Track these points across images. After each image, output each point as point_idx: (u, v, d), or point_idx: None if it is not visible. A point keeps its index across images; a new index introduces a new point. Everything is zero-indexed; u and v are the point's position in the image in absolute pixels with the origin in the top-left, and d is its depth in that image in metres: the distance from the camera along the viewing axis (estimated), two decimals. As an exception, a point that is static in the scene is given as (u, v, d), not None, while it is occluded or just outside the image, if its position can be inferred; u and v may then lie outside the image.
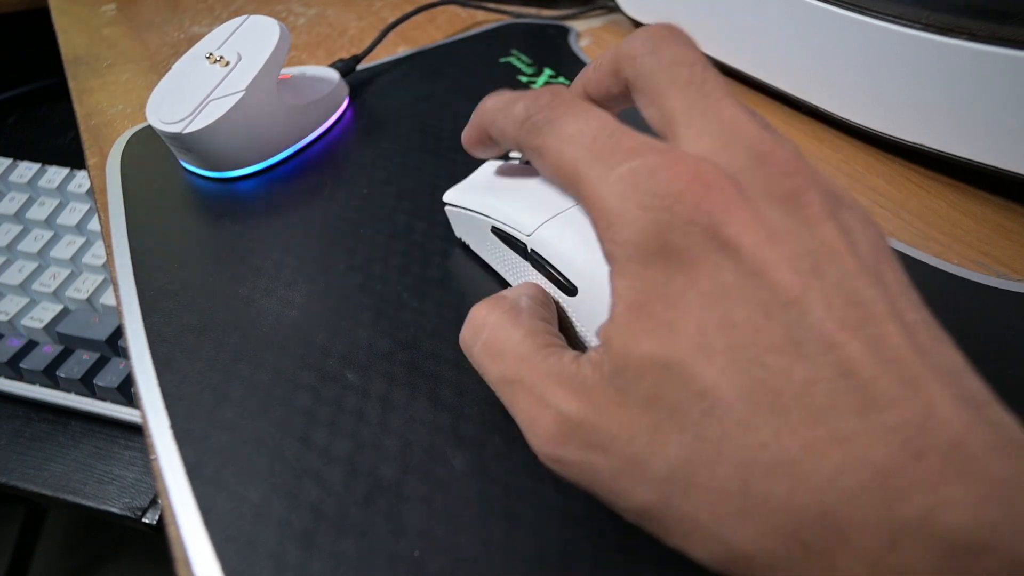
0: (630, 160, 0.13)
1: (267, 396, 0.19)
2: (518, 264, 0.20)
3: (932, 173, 0.28)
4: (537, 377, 0.14)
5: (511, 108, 0.16)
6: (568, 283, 0.18)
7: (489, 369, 0.16)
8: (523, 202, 0.19)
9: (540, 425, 0.14)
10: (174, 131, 0.26)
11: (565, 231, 0.18)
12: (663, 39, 0.15)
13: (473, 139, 0.19)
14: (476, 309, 0.17)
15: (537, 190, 0.20)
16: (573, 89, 0.18)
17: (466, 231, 0.23)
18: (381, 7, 0.43)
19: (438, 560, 0.15)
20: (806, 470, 0.11)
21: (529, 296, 0.17)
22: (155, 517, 0.38)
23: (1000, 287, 0.22)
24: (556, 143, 0.14)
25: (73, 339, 0.41)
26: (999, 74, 0.23)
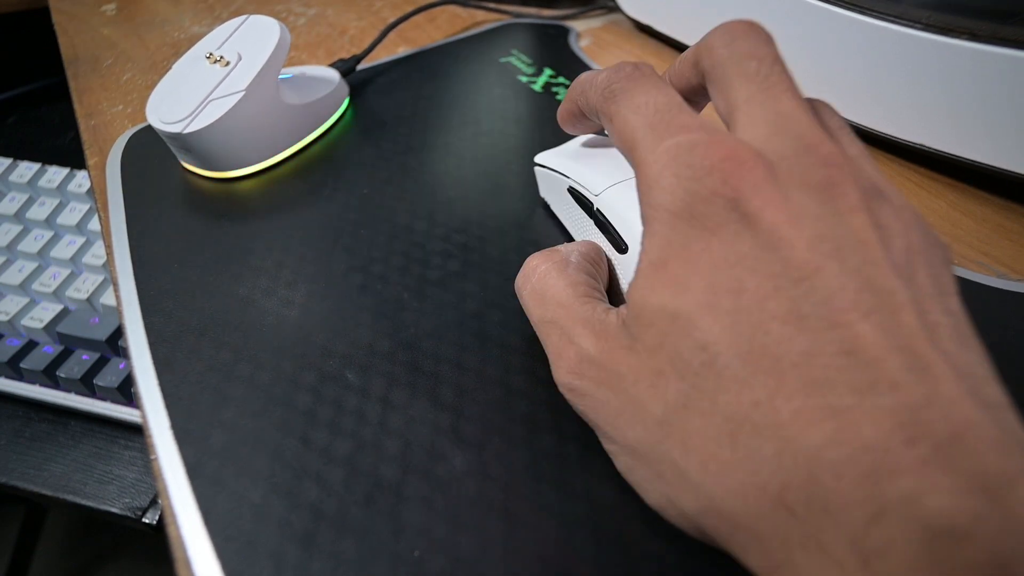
0: (678, 135, 0.14)
1: (267, 396, 0.19)
2: (585, 222, 0.22)
3: (932, 173, 0.28)
4: (570, 320, 0.16)
5: (596, 77, 0.17)
6: (621, 241, 0.20)
7: (534, 311, 0.18)
8: (597, 168, 0.22)
9: (563, 358, 0.16)
10: (174, 131, 0.26)
11: (628, 195, 0.20)
12: (739, 33, 0.16)
13: (567, 112, 0.20)
14: (531, 258, 0.19)
15: (611, 158, 0.22)
16: None
17: (548, 190, 0.25)
18: (381, 7, 0.43)
19: (438, 560, 0.15)
20: (795, 435, 0.11)
21: (580, 252, 0.19)
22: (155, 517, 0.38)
23: (1000, 287, 0.22)
24: (625, 111, 0.16)
25: (73, 339, 0.41)
26: (999, 74, 0.23)
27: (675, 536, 0.15)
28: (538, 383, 0.19)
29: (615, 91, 0.16)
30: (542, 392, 0.19)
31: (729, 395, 0.12)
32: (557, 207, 0.25)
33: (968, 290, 0.22)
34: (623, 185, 0.20)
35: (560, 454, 0.17)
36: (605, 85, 0.17)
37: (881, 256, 0.12)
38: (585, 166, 0.22)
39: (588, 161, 0.23)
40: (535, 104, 0.32)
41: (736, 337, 0.12)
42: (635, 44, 0.38)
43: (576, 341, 0.16)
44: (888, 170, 0.28)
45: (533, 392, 0.19)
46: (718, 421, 0.12)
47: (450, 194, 0.26)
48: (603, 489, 0.16)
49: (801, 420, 0.11)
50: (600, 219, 0.21)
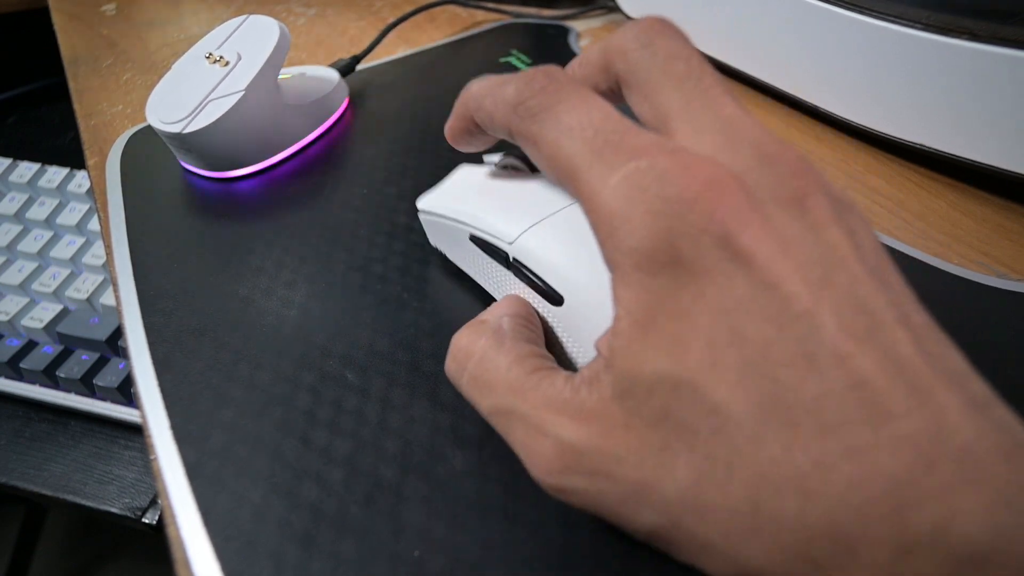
0: (636, 159, 0.12)
1: (267, 396, 0.19)
2: (499, 274, 0.19)
3: (932, 173, 0.28)
4: (531, 406, 0.14)
5: (501, 91, 0.15)
6: (553, 292, 0.17)
7: (480, 402, 0.15)
8: (503, 208, 0.19)
9: (540, 456, 0.13)
10: (174, 131, 0.26)
11: (549, 238, 0.17)
12: (656, 33, 0.15)
13: (458, 129, 0.18)
14: (457, 338, 0.16)
15: (516, 195, 0.19)
16: None
17: (442, 240, 0.22)
18: (381, 7, 0.43)
19: (438, 560, 0.15)
20: (816, 485, 0.11)
21: (510, 316, 0.16)
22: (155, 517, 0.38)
23: (1000, 287, 0.22)
24: (553, 134, 0.14)
25: (73, 339, 0.41)
26: (999, 74, 0.23)
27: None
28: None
29: (532, 109, 0.14)
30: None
31: (744, 458, 0.11)
32: (458, 258, 0.21)
33: (968, 290, 0.22)
34: (541, 226, 0.17)
35: (560, 454, 0.17)
36: (517, 101, 0.14)
37: (861, 270, 0.12)
38: (486, 207, 0.19)
39: (487, 200, 0.19)
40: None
41: (745, 393, 0.11)
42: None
43: (550, 432, 0.13)
44: (888, 170, 0.28)
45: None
46: (736, 489, 0.11)
47: (450, 194, 0.26)
48: (603, 489, 0.16)
49: (821, 468, 0.11)
50: (520, 270, 0.18)
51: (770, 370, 0.11)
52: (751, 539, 0.11)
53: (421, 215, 0.22)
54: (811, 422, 0.11)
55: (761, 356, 0.11)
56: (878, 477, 0.10)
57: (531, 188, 0.19)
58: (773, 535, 0.11)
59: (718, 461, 0.11)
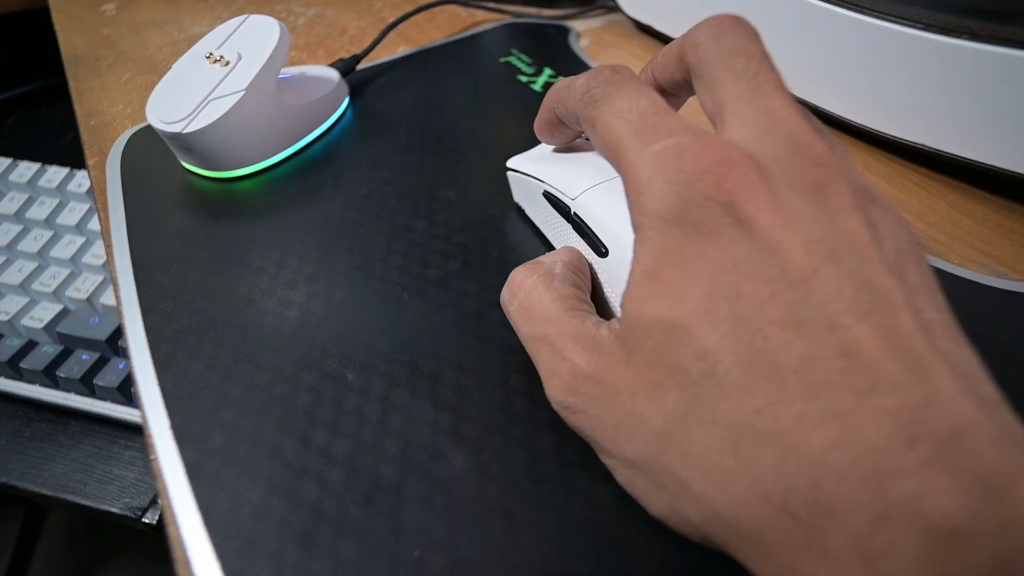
0: (666, 138, 0.14)
1: (267, 396, 0.19)
2: (562, 227, 0.22)
3: (932, 173, 0.28)
4: (560, 335, 0.16)
5: (574, 84, 0.17)
6: (601, 245, 0.19)
7: (522, 327, 0.17)
8: (572, 171, 0.21)
9: (556, 375, 0.15)
10: (174, 131, 0.26)
11: (605, 198, 0.20)
12: (727, 28, 0.16)
13: (543, 122, 0.20)
14: (515, 272, 0.18)
15: (587, 161, 0.22)
16: (641, 73, 0.19)
17: (522, 194, 0.25)
18: (381, 7, 0.43)
19: (438, 560, 0.15)
20: (797, 440, 0.11)
21: (564, 262, 0.18)
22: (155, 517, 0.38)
23: (1000, 287, 0.22)
24: (607, 116, 0.15)
25: (73, 339, 0.41)
26: (1000, 74, 0.23)
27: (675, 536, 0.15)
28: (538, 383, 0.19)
29: (595, 96, 0.16)
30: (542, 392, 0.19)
31: (730, 403, 0.12)
32: (533, 212, 0.24)
33: (968, 290, 0.22)
34: (600, 188, 0.20)
35: (560, 454, 0.17)
36: (584, 90, 0.16)
37: (875, 256, 0.12)
38: (560, 169, 0.22)
39: (562, 164, 0.22)
40: (535, 104, 0.31)
41: (735, 344, 0.12)
42: (635, 44, 0.38)
43: (568, 357, 0.15)
44: (888, 170, 0.28)
45: (533, 392, 0.19)
46: (719, 430, 0.12)
47: (450, 194, 0.26)
48: (603, 489, 0.16)
49: (803, 425, 0.11)
50: (578, 223, 0.20)
51: (761, 327, 0.12)
52: (729, 481, 0.12)
53: (508, 173, 0.25)
54: (797, 381, 0.11)
55: (754, 312, 0.12)
56: (858, 443, 0.11)
57: (599, 158, 0.21)
58: (752, 481, 0.11)
59: (704, 401, 0.12)
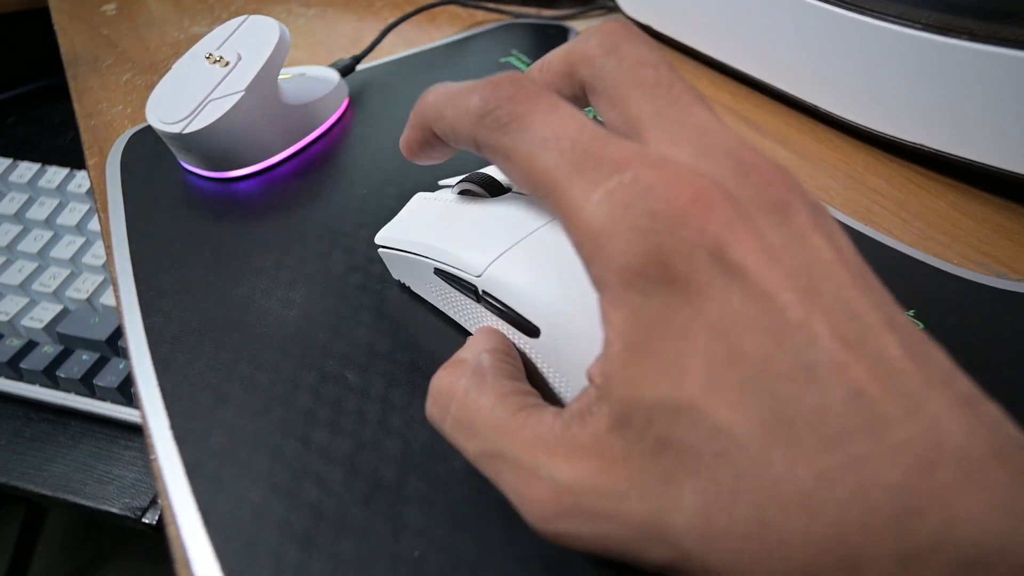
0: (618, 173, 0.12)
1: (267, 396, 0.19)
2: (470, 307, 0.19)
3: (932, 173, 0.28)
4: (520, 448, 0.13)
5: (464, 101, 0.14)
6: (529, 324, 0.16)
7: (465, 446, 0.14)
8: (467, 237, 0.18)
9: (535, 502, 0.13)
10: (174, 131, 0.26)
11: (518, 266, 0.16)
12: (620, 38, 0.14)
13: (415, 142, 0.17)
14: (437, 380, 0.16)
15: (480, 222, 0.18)
16: None
17: (406, 274, 0.21)
18: (381, 7, 0.43)
19: (438, 560, 0.15)
20: (820, 500, 0.10)
21: (489, 351, 0.16)
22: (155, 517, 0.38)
23: (1000, 287, 0.22)
24: (526, 146, 0.13)
25: (73, 339, 0.41)
26: (999, 74, 0.23)
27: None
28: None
29: (501, 119, 0.13)
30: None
31: (749, 480, 0.11)
32: (423, 291, 0.21)
33: (968, 290, 0.22)
34: (509, 256, 0.17)
35: (560, 454, 0.17)
36: (482, 111, 0.13)
37: (846, 275, 0.12)
38: (447, 239, 0.18)
39: (449, 231, 0.19)
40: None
41: (748, 412, 0.11)
42: (635, 44, 0.38)
43: (543, 474, 0.13)
44: (888, 170, 0.28)
45: (533, 392, 0.19)
46: (743, 512, 0.11)
47: (450, 194, 0.26)
48: (603, 489, 0.16)
49: (824, 482, 0.10)
50: (491, 302, 0.17)
51: (770, 385, 0.11)
52: (760, 561, 0.11)
53: (380, 251, 0.21)
54: (813, 435, 0.11)
55: (761, 371, 0.11)
56: (880, 486, 0.10)
57: (494, 214, 0.18)
58: (781, 556, 0.11)
59: (723, 485, 0.11)
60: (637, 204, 0.11)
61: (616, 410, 0.12)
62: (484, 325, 0.18)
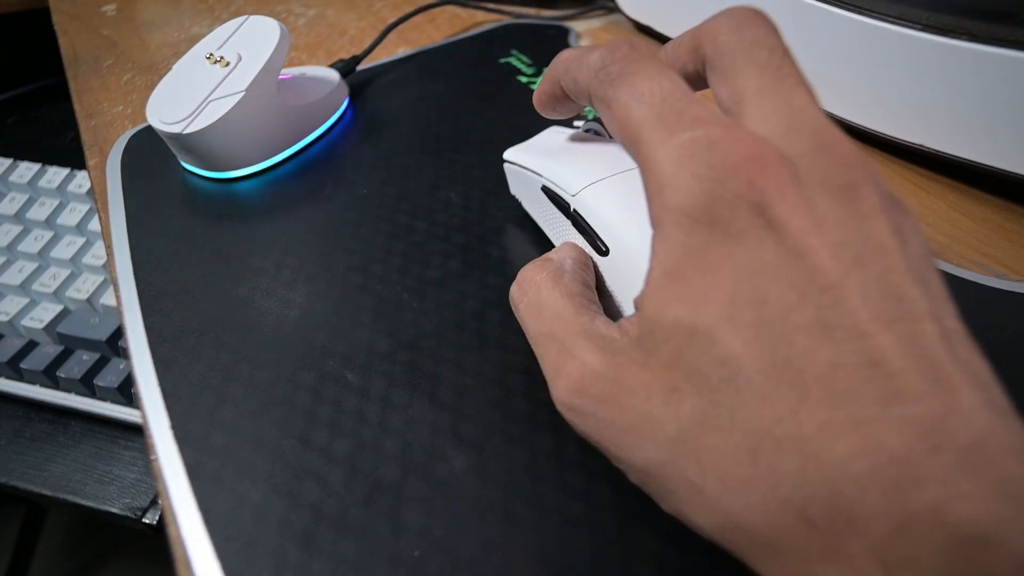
0: (693, 129, 0.13)
1: (267, 396, 0.19)
2: (561, 222, 0.21)
3: (931, 173, 0.28)
4: (569, 333, 0.15)
5: (586, 57, 0.16)
6: (602, 244, 0.19)
7: (530, 324, 0.17)
8: (573, 165, 0.21)
9: (563, 374, 0.15)
10: (174, 131, 0.26)
11: (606, 195, 0.19)
12: (747, 20, 0.15)
13: (546, 94, 0.19)
14: (525, 269, 0.18)
15: (588, 155, 0.21)
16: None
17: (520, 188, 0.24)
18: (381, 7, 0.43)
19: (438, 560, 0.15)
20: (819, 448, 0.11)
21: (572, 259, 0.18)
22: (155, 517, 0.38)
23: (999, 287, 0.22)
24: (626, 97, 0.14)
25: (73, 339, 0.41)
26: (999, 75, 0.23)
27: (675, 536, 0.15)
28: (537, 383, 0.19)
29: (612, 74, 0.15)
30: (542, 392, 0.19)
31: (749, 410, 0.12)
32: (530, 206, 0.24)
33: (968, 290, 0.22)
34: (601, 184, 0.19)
35: (560, 454, 0.17)
36: (600, 66, 0.15)
37: (901, 263, 0.12)
38: (559, 163, 0.21)
39: (562, 157, 0.21)
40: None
41: (759, 351, 0.12)
42: (635, 44, 0.38)
43: (578, 355, 0.15)
44: (888, 170, 0.28)
45: (533, 392, 0.19)
46: (737, 437, 0.12)
47: (450, 194, 0.26)
48: (603, 489, 0.16)
49: (825, 433, 0.11)
50: (578, 220, 0.20)
51: (787, 333, 0.11)
52: (747, 489, 0.12)
53: (505, 164, 0.24)
54: (821, 389, 0.11)
55: (780, 318, 0.12)
56: (881, 451, 0.10)
57: (603, 151, 0.21)
58: (770, 488, 0.11)
59: (723, 408, 0.12)
60: (700, 155, 0.13)
61: (644, 325, 0.14)
62: (568, 240, 0.21)
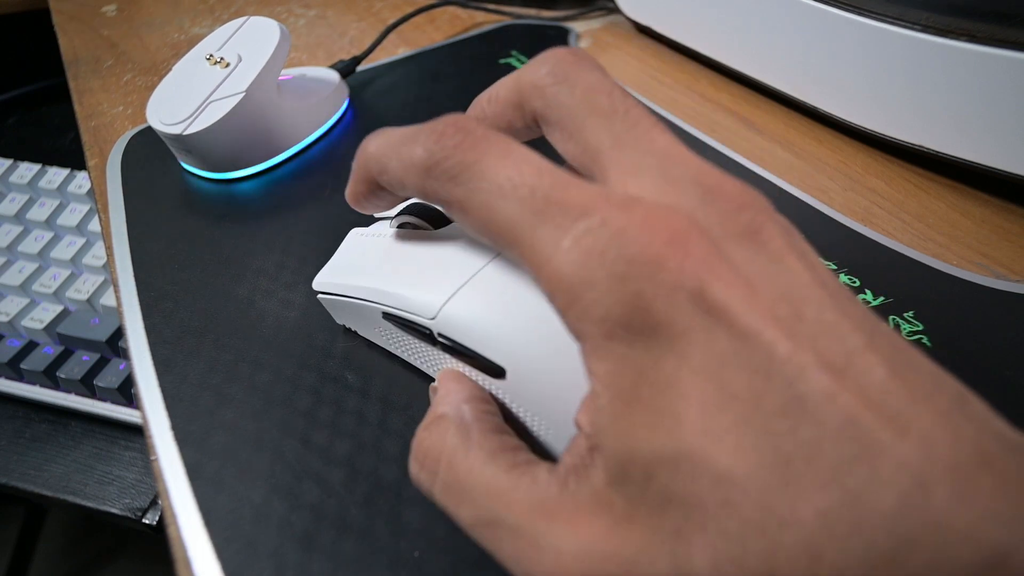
0: (586, 218, 0.11)
1: (267, 397, 0.19)
2: (425, 351, 0.17)
3: (931, 174, 0.28)
4: (518, 513, 0.12)
5: (408, 152, 0.13)
6: (493, 365, 0.15)
7: (458, 513, 0.14)
8: (414, 277, 0.17)
9: (538, 572, 0.12)
10: (174, 132, 0.26)
11: (475, 305, 0.15)
12: (570, 66, 0.14)
13: (360, 193, 0.16)
14: (419, 440, 0.15)
15: (425, 258, 0.17)
16: None
17: (351, 318, 0.19)
18: (381, 8, 0.43)
19: (438, 560, 0.15)
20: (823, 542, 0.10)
21: (468, 402, 0.15)
22: (155, 518, 0.38)
23: (999, 288, 0.22)
24: (482, 196, 0.12)
25: (73, 340, 0.41)
26: (998, 76, 0.23)
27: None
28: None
29: (451, 171, 0.13)
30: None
31: (755, 528, 0.11)
32: (372, 335, 0.19)
33: (967, 291, 0.22)
34: (462, 295, 0.15)
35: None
36: (429, 163, 0.13)
37: (825, 297, 0.11)
38: (392, 281, 0.17)
39: (392, 272, 0.17)
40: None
41: (746, 454, 0.11)
42: (634, 45, 0.38)
43: (544, 544, 0.12)
44: (887, 171, 0.28)
45: (533, 393, 0.19)
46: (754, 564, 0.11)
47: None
48: (603, 490, 0.16)
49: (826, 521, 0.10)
50: (449, 345, 0.16)
51: (765, 423, 0.11)
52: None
53: (320, 297, 0.20)
54: (811, 471, 0.10)
55: (754, 410, 0.11)
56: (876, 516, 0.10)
57: (440, 249, 0.17)
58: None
59: (731, 538, 0.11)
60: (610, 250, 0.11)
61: (612, 464, 0.12)
62: (445, 368, 0.17)
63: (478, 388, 0.16)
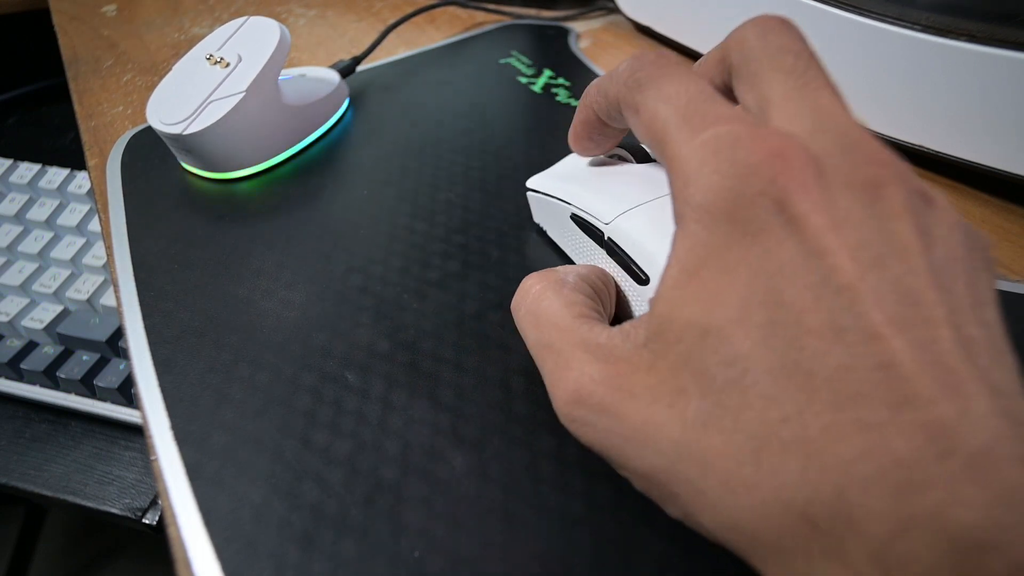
0: (717, 126, 0.13)
1: (267, 397, 0.19)
2: (593, 251, 0.21)
3: (931, 175, 0.28)
4: (566, 343, 0.15)
5: (617, 72, 0.16)
6: (641, 272, 0.18)
7: (529, 333, 0.16)
8: (603, 192, 0.20)
9: (561, 386, 0.15)
10: (174, 132, 0.26)
11: (642, 222, 0.19)
12: (773, 27, 0.15)
13: (581, 124, 0.19)
14: (527, 278, 0.18)
15: (618, 181, 0.20)
16: None
17: (545, 216, 0.23)
18: (381, 8, 0.43)
19: (438, 560, 0.15)
20: (823, 450, 0.11)
21: (578, 273, 0.18)
22: (155, 518, 0.38)
23: (999, 288, 0.22)
24: (653, 101, 0.15)
25: (73, 340, 0.41)
26: (999, 76, 0.23)
27: (675, 536, 0.15)
28: (537, 383, 0.19)
29: (640, 80, 0.15)
30: (541, 392, 0.19)
31: (754, 412, 0.12)
32: (557, 234, 0.23)
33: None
34: (636, 211, 0.19)
35: (560, 454, 0.17)
36: (628, 75, 0.16)
37: (922, 265, 0.12)
38: (588, 190, 0.21)
39: (591, 184, 0.21)
40: (535, 105, 0.32)
41: (768, 352, 0.12)
42: (635, 45, 0.38)
43: (575, 366, 0.14)
44: (887, 171, 0.28)
45: (532, 392, 0.19)
46: (741, 439, 0.12)
47: (450, 195, 0.26)
48: (603, 489, 0.16)
49: (830, 435, 0.11)
50: (613, 249, 0.19)
51: (798, 336, 0.11)
52: (749, 491, 0.11)
53: (529, 193, 0.23)
54: (828, 391, 0.11)
55: (792, 320, 0.12)
56: (886, 455, 0.10)
57: (633, 175, 0.20)
58: (773, 490, 0.11)
59: (727, 410, 0.12)
60: (723, 152, 0.13)
61: (654, 325, 0.13)
62: (599, 267, 0.20)
63: (600, 277, 0.18)
